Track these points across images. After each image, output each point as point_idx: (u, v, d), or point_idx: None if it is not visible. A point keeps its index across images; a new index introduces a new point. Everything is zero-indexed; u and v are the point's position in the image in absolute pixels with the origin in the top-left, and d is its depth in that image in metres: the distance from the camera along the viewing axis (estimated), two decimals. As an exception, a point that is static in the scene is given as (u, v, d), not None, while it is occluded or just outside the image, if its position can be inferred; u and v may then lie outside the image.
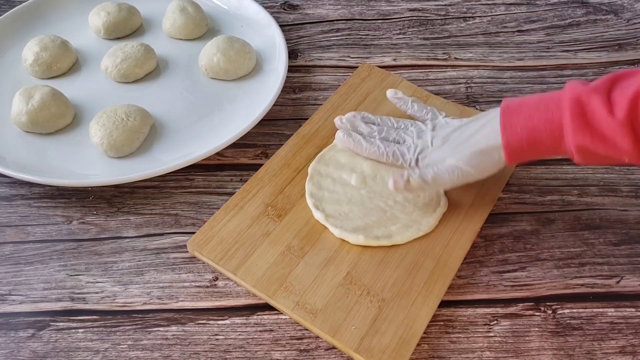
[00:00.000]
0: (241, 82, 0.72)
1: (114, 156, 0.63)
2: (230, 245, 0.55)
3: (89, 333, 0.51)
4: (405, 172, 0.54)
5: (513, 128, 0.50)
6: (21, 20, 0.78)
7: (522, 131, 0.49)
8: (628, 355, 0.49)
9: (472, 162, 0.52)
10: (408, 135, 0.59)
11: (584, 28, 0.82)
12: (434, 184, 0.54)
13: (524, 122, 0.49)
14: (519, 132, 0.49)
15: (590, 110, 0.46)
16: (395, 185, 0.54)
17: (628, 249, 0.57)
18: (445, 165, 0.53)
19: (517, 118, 0.50)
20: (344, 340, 0.49)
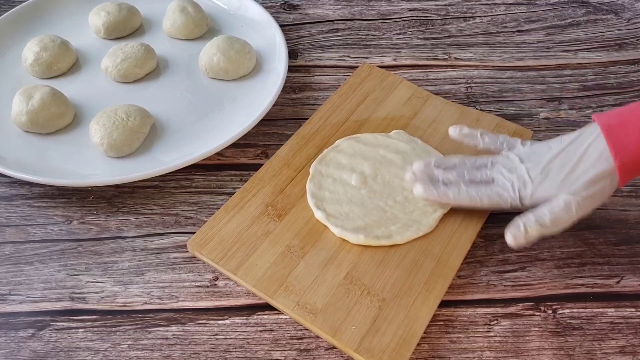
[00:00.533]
0: (241, 82, 0.72)
1: (114, 156, 0.63)
2: (231, 245, 0.55)
3: (89, 333, 0.51)
4: (520, 223, 0.49)
5: (626, 148, 0.46)
6: (21, 20, 0.78)
7: (637, 150, 0.46)
8: (628, 355, 0.49)
9: (586, 192, 0.48)
10: (496, 171, 0.53)
11: (584, 28, 0.82)
12: (553, 227, 0.49)
13: (637, 140, 0.46)
14: (633, 151, 0.46)
15: None
16: (516, 241, 0.50)
17: (628, 249, 0.57)
18: (560, 203, 0.49)
19: (626, 137, 0.47)
20: (344, 340, 0.49)
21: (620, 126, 0.47)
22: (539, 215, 0.49)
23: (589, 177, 0.49)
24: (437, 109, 0.68)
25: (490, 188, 0.53)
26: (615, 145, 0.47)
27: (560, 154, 0.51)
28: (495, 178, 0.53)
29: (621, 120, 0.48)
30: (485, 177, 0.54)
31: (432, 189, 0.54)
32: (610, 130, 0.48)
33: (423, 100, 0.69)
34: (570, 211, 0.49)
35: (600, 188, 0.49)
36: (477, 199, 0.52)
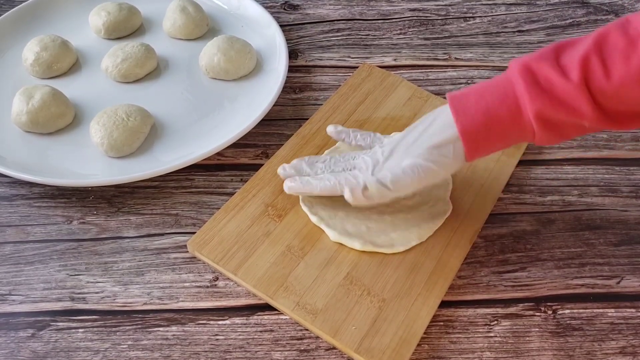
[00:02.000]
0: (241, 82, 0.72)
1: (114, 156, 0.63)
2: (231, 246, 0.55)
3: (89, 333, 0.51)
4: (361, 180, 0.51)
5: (467, 112, 0.47)
6: (21, 20, 0.78)
7: (477, 113, 0.47)
8: (628, 355, 0.49)
9: (430, 157, 0.49)
10: (357, 159, 0.55)
11: (584, 28, 0.82)
12: (395, 188, 0.50)
13: (476, 104, 0.47)
14: (473, 114, 0.47)
15: (543, 76, 0.45)
16: (353, 194, 0.51)
17: (628, 249, 0.57)
18: (403, 166, 0.50)
19: (467, 102, 0.48)
20: (344, 340, 0.49)
21: (463, 95, 0.49)
22: (381, 175, 0.51)
23: (432, 142, 0.49)
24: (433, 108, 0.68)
25: (349, 173, 0.54)
26: (457, 109, 0.48)
27: (411, 130, 0.52)
28: (357, 165, 0.54)
29: (466, 90, 0.49)
30: (348, 165, 0.55)
31: (297, 181, 0.55)
32: (454, 98, 0.49)
33: (423, 101, 0.69)
34: (413, 174, 0.50)
35: (444, 153, 0.49)
36: (337, 184, 0.53)
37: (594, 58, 0.44)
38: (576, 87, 0.44)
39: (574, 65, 0.44)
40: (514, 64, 0.47)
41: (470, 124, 0.47)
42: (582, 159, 0.65)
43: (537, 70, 0.46)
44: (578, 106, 0.44)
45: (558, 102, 0.45)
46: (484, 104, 0.47)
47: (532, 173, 0.63)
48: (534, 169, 0.63)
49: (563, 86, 0.44)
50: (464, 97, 0.48)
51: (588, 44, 0.45)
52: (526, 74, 0.46)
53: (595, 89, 0.44)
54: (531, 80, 0.45)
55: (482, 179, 0.61)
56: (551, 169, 0.63)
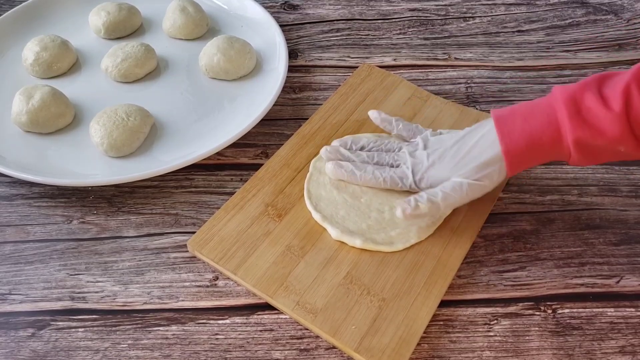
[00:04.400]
0: (241, 82, 0.72)
1: (114, 156, 0.63)
2: (231, 245, 0.55)
3: (89, 332, 0.51)
4: (411, 198, 0.53)
5: (511, 134, 0.50)
6: (21, 20, 0.78)
7: (521, 136, 0.50)
8: (628, 355, 0.49)
9: (476, 175, 0.52)
10: (401, 156, 0.58)
11: (584, 28, 0.82)
12: (444, 205, 0.53)
13: (521, 127, 0.50)
14: (517, 137, 0.50)
15: (585, 106, 0.47)
16: (404, 214, 0.53)
17: (628, 249, 0.57)
18: (452, 183, 0.53)
19: (512, 124, 0.50)
20: (344, 339, 0.49)
21: (509, 115, 0.51)
22: (432, 193, 0.53)
23: (479, 161, 0.52)
24: (437, 109, 0.68)
25: (393, 170, 0.57)
26: (502, 131, 0.50)
27: (458, 141, 0.54)
28: (400, 162, 0.57)
29: (511, 111, 0.51)
30: (392, 160, 0.58)
31: (342, 169, 0.58)
32: (500, 119, 0.51)
33: (423, 101, 0.69)
34: (460, 192, 0.52)
35: (489, 173, 0.52)
36: (381, 180, 0.56)
37: (634, 88, 0.46)
38: (617, 117, 0.46)
39: (615, 95, 0.47)
40: (558, 92, 0.49)
41: (514, 147, 0.50)
42: (581, 158, 0.65)
43: (581, 100, 0.48)
44: (616, 134, 0.47)
45: (597, 130, 0.47)
46: (528, 128, 0.50)
47: (532, 173, 0.63)
48: (533, 168, 0.63)
49: (604, 115, 0.47)
50: (509, 120, 0.51)
51: (629, 75, 0.47)
52: (569, 103, 0.48)
53: (634, 119, 0.46)
54: (574, 110, 0.48)
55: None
56: (551, 169, 0.63)
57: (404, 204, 0.53)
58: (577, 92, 0.48)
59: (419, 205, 0.52)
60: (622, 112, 0.46)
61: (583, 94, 0.48)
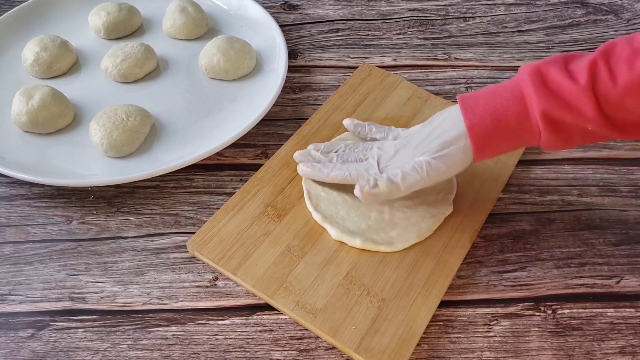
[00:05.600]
0: (241, 82, 0.72)
1: (114, 156, 0.63)
2: (230, 245, 0.55)
3: (89, 333, 0.51)
4: (371, 177, 0.52)
5: (475, 109, 0.49)
6: (21, 20, 0.78)
7: (486, 112, 0.48)
8: (628, 355, 0.49)
9: (439, 154, 0.50)
10: (369, 151, 0.57)
11: (584, 28, 0.82)
12: (404, 185, 0.51)
13: (485, 104, 0.49)
14: (481, 112, 0.49)
15: (551, 79, 0.47)
16: (361, 191, 0.52)
17: (628, 249, 0.57)
18: (412, 163, 0.51)
19: (477, 102, 0.49)
20: (344, 340, 0.49)
21: (473, 95, 0.50)
22: (391, 173, 0.52)
23: (442, 139, 0.51)
24: (437, 109, 0.68)
25: (360, 164, 0.56)
26: (466, 107, 0.49)
27: (423, 126, 0.54)
28: (368, 156, 0.56)
29: (475, 92, 0.51)
30: (360, 156, 0.57)
31: (310, 166, 0.58)
32: (465, 97, 0.50)
33: (423, 101, 0.69)
34: (421, 171, 0.51)
35: (452, 151, 0.50)
36: (347, 174, 0.55)
37: (601, 64, 0.45)
38: (583, 90, 0.45)
39: (581, 69, 0.46)
40: (524, 68, 0.49)
41: (478, 123, 0.49)
42: (581, 158, 0.65)
43: (546, 72, 0.47)
44: (583, 108, 0.46)
45: (564, 103, 0.46)
46: (492, 104, 0.48)
47: (532, 173, 0.63)
48: (533, 168, 0.63)
49: (570, 88, 0.46)
50: (473, 97, 0.50)
51: (596, 52, 0.47)
52: (535, 76, 0.47)
53: (600, 93, 0.45)
54: (539, 82, 0.47)
55: (482, 179, 0.61)
56: (551, 169, 0.63)
57: (362, 182, 0.52)
58: (543, 67, 0.47)
59: (378, 184, 0.51)
60: (587, 86, 0.45)
61: (549, 68, 0.47)
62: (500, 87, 0.49)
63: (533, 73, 0.47)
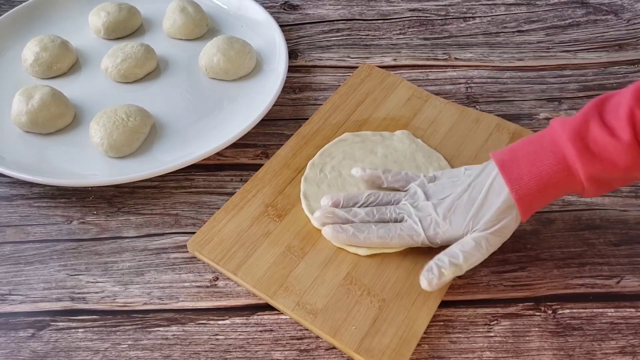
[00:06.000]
0: (241, 82, 0.72)
1: (114, 156, 0.63)
2: (231, 246, 0.55)
3: (89, 333, 0.51)
4: (433, 266, 0.50)
5: (520, 180, 0.48)
6: (21, 20, 0.78)
7: (531, 181, 0.48)
8: (628, 355, 0.49)
9: (495, 229, 0.50)
10: (404, 209, 0.54)
11: (584, 28, 0.82)
12: (466, 265, 0.50)
13: (529, 172, 0.48)
14: (527, 182, 0.48)
15: (592, 140, 0.46)
16: (431, 286, 0.49)
17: (628, 249, 0.57)
18: (470, 241, 0.50)
19: (519, 169, 0.48)
20: (344, 340, 0.49)
21: (513, 160, 0.49)
22: (452, 256, 0.50)
23: (494, 212, 0.50)
24: (437, 109, 0.68)
25: (400, 227, 0.53)
26: (510, 178, 0.49)
27: (466, 190, 0.52)
28: (405, 216, 0.53)
29: (513, 155, 0.49)
30: (395, 214, 0.54)
31: (342, 232, 0.53)
32: (504, 165, 0.49)
33: (423, 101, 0.69)
34: (481, 249, 0.50)
35: (506, 222, 0.50)
36: (388, 240, 0.52)
37: (638, 112, 0.45)
38: (628, 146, 0.45)
39: (621, 123, 0.45)
40: (560, 127, 0.48)
41: (525, 193, 0.48)
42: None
43: (586, 133, 0.46)
44: (632, 163, 0.45)
45: (610, 163, 0.46)
46: (537, 171, 0.48)
47: (532, 173, 0.63)
48: (533, 168, 0.63)
49: (614, 147, 0.45)
50: (514, 165, 0.49)
51: (629, 97, 0.45)
52: (575, 139, 0.46)
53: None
54: (581, 146, 0.46)
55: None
56: (551, 169, 0.63)
57: (429, 275, 0.49)
58: (581, 125, 0.46)
59: (443, 272, 0.49)
60: (631, 141, 0.44)
61: (587, 126, 0.46)
62: (539, 149, 0.48)
63: (573, 136, 0.46)
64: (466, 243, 0.50)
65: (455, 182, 0.53)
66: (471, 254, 0.50)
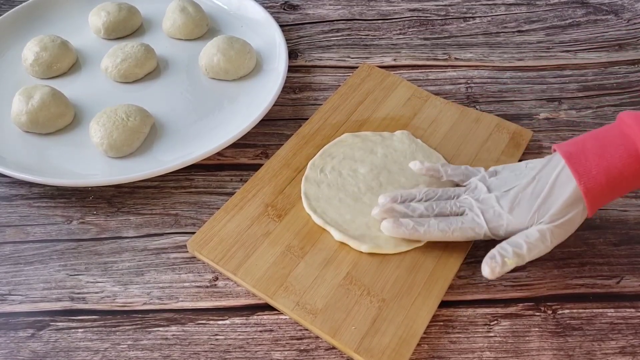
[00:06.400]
0: (241, 82, 0.72)
1: (114, 156, 0.63)
2: (230, 246, 0.55)
3: (89, 333, 0.51)
4: (496, 254, 0.49)
5: (589, 173, 0.47)
6: (21, 20, 0.78)
7: (599, 174, 0.47)
8: (628, 355, 0.49)
9: (560, 221, 0.49)
10: (465, 202, 0.53)
11: (584, 28, 0.82)
12: (530, 256, 0.49)
13: (597, 163, 0.47)
14: (596, 175, 0.47)
15: None
16: (493, 273, 0.49)
17: (628, 249, 0.57)
18: (535, 233, 0.49)
19: (587, 162, 0.48)
20: (344, 340, 0.49)
21: (580, 153, 0.49)
22: (516, 246, 0.49)
23: (560, 205, 0.49)
24: (437, 109, 0.68)
25: (461, 220, 0.52)
26: (578, 171, 0.48)
27: (531, 183, 0.51)
28: (466, 209, 0.53)
29: (579, 147, 0.49)
30: (455, 208, 0.53)
31: (402, 226, 0.53)
32: (571, 157, 0.49)
33: (423, 101, 0.69)
34: (545, 241, 0.49)
35: (572, 216, 0.49)
36: (449, 233, 0.52)
37: None
38: None
39: None
40: (631, 118, 0.47)
41: (594, 186, 0.47)
42: (581, 158, 0.65)
43: None
44: None
45: None
46: (605, 163, 0.47)
47: (532, 173, 0.63)
48: (533, 168, 0.63)
49: None
50: (582, 156, 0.48)
51: None
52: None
53: None
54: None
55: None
56: (551, 169, 0.63)
57: (492, 263, 0.49)
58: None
59: (506, 262, 0.49)
60: None
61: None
62: (608, 141, 0.48)
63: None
64: (531, 234, 0.49)
65: (519, 175, 0.53)
66: (535, 246, 0.49)
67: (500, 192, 0.52)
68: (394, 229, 0.53)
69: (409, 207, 0.54)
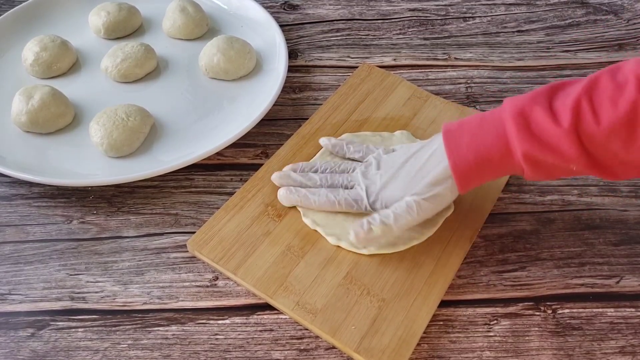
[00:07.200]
0: (241, 82, 0.72)
1: (114, 156, 0.63)
2: (230, 245, 0.55)
3: (89, 332, 0.51)
4: (364, 222, 0.52)
5: (459, 150, 0.49)
6: (21, 20, 0.78)
7: (469, 151, 0.48)
8: (628, 355, 0.49)
9: (428, 194, 0.51)
10: (355, 177, 0.56)
11: (584, 28, 0.82)
12: (396, 226, 0.51)
13: (469, 142, 0.48)
14: (465, 153, 0.48)
15: (534, 120, 0.46)
16: (357, 238, 0.52)
17: (628, 249, 0.57)
18: (403, 204, 0.51)
19: (460, 139, 0.49)
20: (344, 340, 0.49)
21: (458, 130, 0.50)
22: (384, 215, 0.51)
23: (430, 179, 0.51)
24: (437, 109, 0.68)
25: (348, 193, 0.55)
26: (450, 146, 0.49)
27: (409, 159, 0.53)
28: (354, 182, 0.56)
29: (460, 124, 0.50)
30: (345, 181, 0.56)
31: (294, 194, 0.56)
32: (449, 133, 0.50)
33: (423, 101, 0.69)
34: (412, 212, 0.51)
35: (441, 190, 0.51)
36: (336, 203, 0.55)
37: (585, 103, 0.45)
38: (566, 133, 0.45)
39: (565, 109, 0.45)
40: (509, 104, 0.48)
41: (462, 163, 0.49)
42: (581, 158, 0.65)
43: (529, 113, 0.46)
44: (566, 151, 0.45)
45: (546, 146, 0.46)
46: (476, 144, 0.48)
47: (532, 173, 0.63)
48: (533, 168, 0.63)
49: (553, 131, 0.45)
50: (457, 134, 0.49)
51: (579, 88, 0.45)
52: (518, 117, 0.46)
53: (585, 134, 0.44)
54: (522, 124, 0.46)
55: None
56: (551, 169, 0.63)
57: (357, 228, 0.52)
58: (527, 105, 0.46)
59: (372, 229, 0.51)
60: (570, 128, 0.44)
61: (532, 107, 0.46)
62: (485, 122, 0.49)
63: (516, 115, 0.46)
64: (399, 206, 0.52)
65: (405, 152, 0.55)
66: (401, 216, 0.51)
67: (384, 169, 0.55)
68: (287, 195, 0.56)
69: (305, 176, 0.57)
